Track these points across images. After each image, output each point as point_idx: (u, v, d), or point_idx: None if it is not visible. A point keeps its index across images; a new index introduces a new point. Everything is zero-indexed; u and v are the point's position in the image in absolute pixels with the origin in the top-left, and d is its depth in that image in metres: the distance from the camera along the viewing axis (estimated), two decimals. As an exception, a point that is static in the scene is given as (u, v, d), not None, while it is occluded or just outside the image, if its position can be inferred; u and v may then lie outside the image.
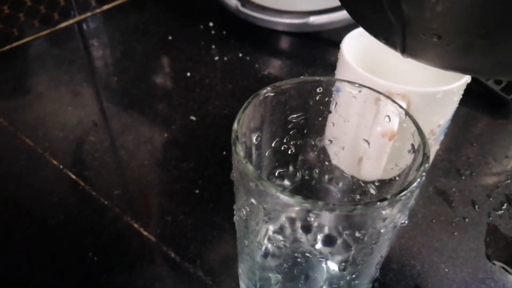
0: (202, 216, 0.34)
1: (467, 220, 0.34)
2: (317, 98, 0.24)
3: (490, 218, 0.35)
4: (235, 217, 0.25)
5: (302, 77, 0.23)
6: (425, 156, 0.19)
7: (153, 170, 0.38)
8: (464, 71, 0.19)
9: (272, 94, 0.23)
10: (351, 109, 0.24)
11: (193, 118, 0.43)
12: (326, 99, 0.25)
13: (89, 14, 0.59)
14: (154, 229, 0.33)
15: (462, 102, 0.44)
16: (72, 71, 0.49)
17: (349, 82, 0.24)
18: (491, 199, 0.36)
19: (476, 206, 0.35)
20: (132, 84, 0.48)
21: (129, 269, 0.30)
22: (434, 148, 0.35)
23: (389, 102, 0.23)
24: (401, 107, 0.22)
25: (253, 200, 0.20)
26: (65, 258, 0.31)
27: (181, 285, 0.30)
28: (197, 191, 0.36)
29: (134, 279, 0.30)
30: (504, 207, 0.35)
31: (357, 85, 0.24)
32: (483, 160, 0.40)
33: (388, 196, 0.17)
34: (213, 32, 0.57)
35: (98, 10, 0.60)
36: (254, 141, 0.23)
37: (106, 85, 0.48)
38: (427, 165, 0.19)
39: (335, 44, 0.55)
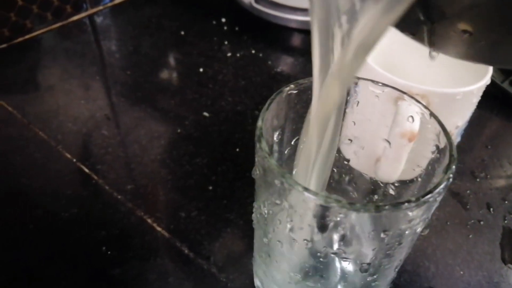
0: (215, 212, 0.34)
1: (482, 222, 0.34)
2: (339, 96, 0.24)
3: (505, 221, 0.34)
4: (254, 215, 0.25)
5: (325, 75, 0.23)
6: (452, 158, 0.19)
7: (166, 165, 0.37)
8: (493, 63, 0.19)
9: (295, 92, 0.23)
10: (374, 108, 0.24)
11: (206, 114, 0.43)
12: (348, 97, 0.24)
13: (101, 7, 0.59)
14: (167, 224, 0.33)
15: (477, 104, 0.44)
16: (84, 64, 0.49)
17: (372, 81, 0.24)
18: (506, 202, 0.36)
19: (491, 209, 0.35)
20: (144, 78, 0.48)
21: (142, 264, 0.30)
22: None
23: (413, 102, 0.22)
24: (425, 107, 0.22)
25: (276, 198, 0.19)
26: (78, 252, 0.31)
27: (195, 281, 0.30)
28: (210, 187, 0.36)
29: (147, 274, 0.30)
30: (520, 210, 0.35)
31: (380, 84, 0.23)
32: (497, 162, 0.40)
33: (414, 198, 0.17)
34: (225, 28, 0.57)
35: (110, 4, 0.60)
36: (275, 139, 0.23)
37: (118, 79, 0.47)
38: (454, 167, 0.19)
39: (348, 43, 0.55)
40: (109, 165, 0.37)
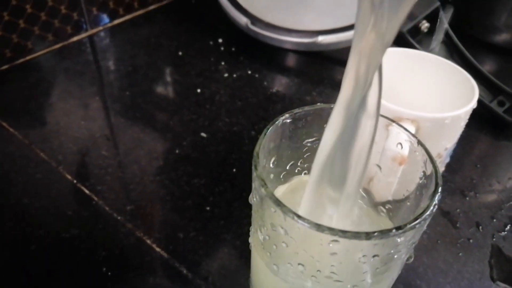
0: (213, 232, 0.35)
1: (471, 241, 0.35)
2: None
3: (494, 240, 0.35)
4: (250, 238, 0.26)
5: (319, 104, 0.24)
6: (438, 186, 0.20)
7: (165, 186, 0.38)
8: None
9: (289, 120, 0.24)
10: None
11: (203, 134, 0.44)
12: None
13: (100, 28, 0.60)
14: (166, 245, 0.34)
15: (466, 124, 0.45)
16: (84, 84, 0.50)
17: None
18: (494, 220, 0.37)
19: (480, 227, 0.36)
20: (143, 98, 0.49)
21: (142, 285, 0.31)
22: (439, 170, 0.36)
23: (401, 130, 0.24)
24: (413, 135, 0.23)
25: (271, 224, 0.20)
26: (79, 272, 0.32)
27: (193, 301, 0.30)
28: (208, 208, 0.36)
29: (146, 294, 0.30)
30: (508, 228, 0.36)
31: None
32: (486, 181, 0.41)
33: (402, 225, 0.18)
34: (222, 48, 0.58)
35: (109, 24, 0.61)
36: (271, 165, 0.24)
37: (118, 99, 0.49)
38: (439, 194, 0.20)
39: (343, 63, 0.56)
40: (109, 186, 0.38)
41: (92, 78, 0.52)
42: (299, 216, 0.18)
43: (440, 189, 0.20)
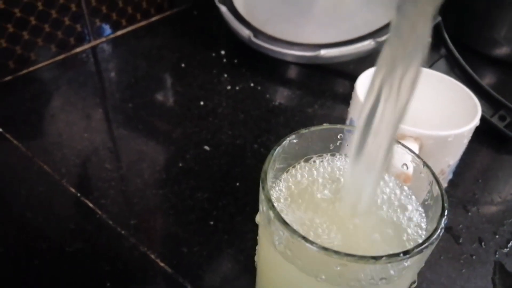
0: (216, 247, 0.35)
1: (474, 257, 0.35)
2: (338, 143, 0.25)
3: (497, 256, 0.36)
4: (256, 257, 0.26)
5: (325, 124, 0.24)
6: (444, 209, 0.20)
7: (168, 199, 0.38)
8: None
9: (296, 141, 0.24)
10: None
11: (206, 147, 0.44)
12: (341, 142, 0.26)
13: (103, 39, 0.60)
14: (170, 260, 0.34)
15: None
16: (86, 95, 0.51)
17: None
18: (497, 236, 0.37)
19: (483, 243, 0.36)
20: (146, 111, 0.49)
21: (145, 300, 0.31)
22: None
23: (406, 151, 0.24)
24: (418, 156, 0.23)
25: (278, 244, 0.20)
26: (82, 286, 0.32)
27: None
28: (211, 222, 0.37)
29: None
30: (510, 244, 0.36)
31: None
32: (488, 196, 0.41)
33: (410, 249, 0.18)
34: (225, 60, 0.58)
35: (112, 36, 0.61)
36: (280, 186, 0.24)
37: (120, 111, 0.49)
38: (445, 217, 0.20)
39: (344, 76, 0.57)
40: (112, 199, 0.38)
41: (94, 89, 0.52)
42: (306, 239, 0.18)
43: (446, 213, 0.20)
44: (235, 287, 0.32)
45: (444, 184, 0.36)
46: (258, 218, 0.23)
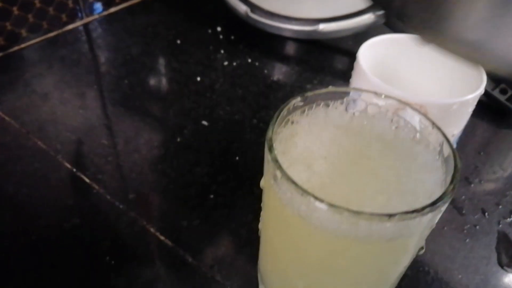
0: (217, 221, 0.34)
1: (477, 227, 0.35)
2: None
3: (500, 226, 0.35)
4: (260, 224, 0.25)
5: (330, 87, 0.24)
6: (456, 169, 0.20)
7: (167, 174, 0.38)
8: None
9: (301, 104, 0.23)
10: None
11: (205, 123, 0.43)
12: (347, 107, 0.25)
13: (96, 16, 0.59)
14: (170, 233, 0.33)
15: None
16: (80, 73, 0.49)
17: (374, 92, 0.24)
18: (500, 207, 0.37)
19: (486, 214, 0.36)
20: (142, 87, 0.48)
21: (146, 273, 0.30)
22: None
23: (416, 113, 0.23)
24: (427, 118, 0.23)
25: (286, 207, 0.20)
26: (82, 262, 0.31)
27: (199, 290, 0.30)
28: (211, 196, 0.36)
29: (152, 283, 0.30)
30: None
31: (383, 96, 0.24)
32: (490, 168, 0.41)
33: (422, 207, 0.18)
34: (221, 36, 0.57)
35: (105, 13, 0.60)
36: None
37: (116, 88, 0.48)
38: (458, 177, 0.19)
39: (343, 52, 0.56)
40: (110, 175, 0.37)
41: (88, 67, 0.51)
42: (316, 198, 0.18)
43: (459, 172, 0.19)
44: (236, 260, 0.32)
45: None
46: (263, 183, 0.22)
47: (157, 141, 0.41)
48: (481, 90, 0.32)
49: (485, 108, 0.47)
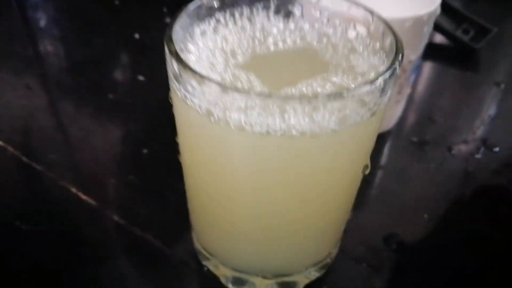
0: (152, 177, 0.30)
1: (443, 164, 0.32)
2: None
3: (467, 163, 0.32)
4: (180, 157, 0.21)
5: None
6: (399, 43, 0.16)
7: (98, 133, 0.33)
8: None
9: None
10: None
11: (141, 78, 0.39)
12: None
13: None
14: (96, 193, 0.28)
15: (432, 56, 0.42)
16: (13, 46, 0.44)
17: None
18: (466, 144, 0.34)
19: (452, 151, 0.33)
20: (74, 47, 0.43)
21: (69, 238, 0.26)
22: (406, 90, 0.32)
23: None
24: (366, 9, 0.19)
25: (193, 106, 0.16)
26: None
27: (132, 250, 0.26)
28: (145, 151, 0.32)
29: (76, 247, 0.25)
30: (482, 150, 0.33)
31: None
32: (455, 107, 0.38)
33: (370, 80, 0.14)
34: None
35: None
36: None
37: (45, 49, 0.43)
38: (400, 58, 0.16)
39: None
40: (34, 137, 0.32)
41: (21, 41, 0.45)
42: (217, 82, 0.14)
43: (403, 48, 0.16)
44: (172, 220, 0.27)
45: (407, 88, 0.32)
46: (171, 95, 0.18)
47: (86, 100, 0.36)
48: (436, 7, 0.28)
49: (449, 51, 0.44)
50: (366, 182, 0.29)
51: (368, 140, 0.17)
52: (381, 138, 0.33)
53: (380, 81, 0.15)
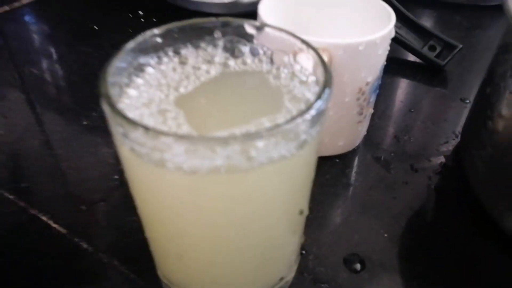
0: (120, 202, 0.30)
1: (407, 184, 0.33)
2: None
3: (431, 180, 0.33)
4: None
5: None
6: (328, 74, 0.17)
7: (71, 159, 0.34)
8: None
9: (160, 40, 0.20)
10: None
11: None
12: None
13: (7, 8, 0.54)
14: (64, 220, 0.29)
15: (400, 72, 0.43)
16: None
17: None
18: (429, 161, 0.34)
19: (415, 169, 0.34)
20: (52, 74, 0.44)
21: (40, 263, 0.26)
22: (367, 110, 0.33)
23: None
24: (303, 42, 0.20)
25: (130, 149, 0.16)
26: None
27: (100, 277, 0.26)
28: (116, 177, 0.32)
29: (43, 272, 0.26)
30: (445, 167, 0.34)
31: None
32: (422, 125, 0.39)
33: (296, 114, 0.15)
34: (142, 20, 0.54)
35: (17, 4, 0.55)
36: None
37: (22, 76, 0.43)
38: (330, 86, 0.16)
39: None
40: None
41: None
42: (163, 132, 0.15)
43: (332, 79, 0.17)
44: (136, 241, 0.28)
45: (369, 109, 0.33)
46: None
47: (60, 127, 0.37)
48: (389, 30, 0.29)
49: (416, 68, 0.45)
50: (327, 202, 0.30)
51: (300, 173, 0.18)
52: (346, 158, 0.34)
53: (306, 116, 0.15)
